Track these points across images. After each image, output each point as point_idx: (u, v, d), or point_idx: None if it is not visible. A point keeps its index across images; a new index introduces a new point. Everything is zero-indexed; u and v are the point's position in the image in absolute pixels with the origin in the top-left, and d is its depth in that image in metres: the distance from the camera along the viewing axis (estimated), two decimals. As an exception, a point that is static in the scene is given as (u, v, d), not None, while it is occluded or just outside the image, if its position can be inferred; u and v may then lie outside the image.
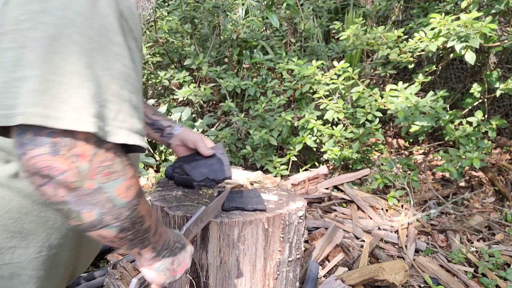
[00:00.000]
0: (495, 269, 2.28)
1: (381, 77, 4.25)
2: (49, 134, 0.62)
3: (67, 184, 0.64)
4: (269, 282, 1.36)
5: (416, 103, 2.83)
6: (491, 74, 3.23)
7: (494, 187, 3.14)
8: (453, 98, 3.75)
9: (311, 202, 2.92)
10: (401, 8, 4.51)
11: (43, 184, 0.64)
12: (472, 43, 2.66)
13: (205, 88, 3.51)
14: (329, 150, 3.14)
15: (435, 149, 3.65)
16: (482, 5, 3.27)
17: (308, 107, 3.35)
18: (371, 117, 3.09)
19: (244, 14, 4.81)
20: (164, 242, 0.89)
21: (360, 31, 3.41)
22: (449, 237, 2.60)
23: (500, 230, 2.68)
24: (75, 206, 0.67)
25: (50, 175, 0.63)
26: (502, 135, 3.85)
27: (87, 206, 0.67)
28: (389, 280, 2.00)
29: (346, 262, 2.29)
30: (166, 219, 1.31)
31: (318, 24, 4.21)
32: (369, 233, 2.60)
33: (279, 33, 4.42)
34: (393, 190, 3.01)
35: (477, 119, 3.10)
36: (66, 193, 0.65)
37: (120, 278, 1.90)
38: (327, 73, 3.33)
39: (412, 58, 3.24)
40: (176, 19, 3.83)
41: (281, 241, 1.34)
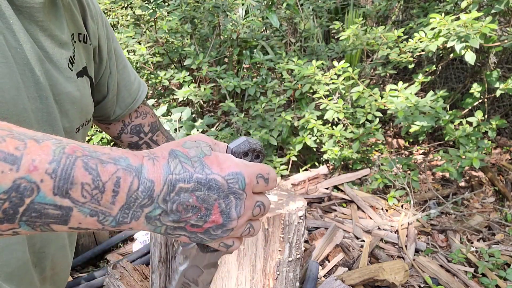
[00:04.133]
0: (495, 269, 2.28)
1: (381, 77, 4.25)
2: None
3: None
4: (269, 282, 1.36)
5: (416, 103, 2.83)
6: (491, 74, 3.23)
7: (494, 187, 3.14)
8: (453, 98, 3.75)
9: (311, 202, 2.92)
10: (401, 8, 4.51)
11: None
12: (472, 43, 2.66)
13: (205, 88, 3.51)
14: (329, 150, 3.14)
15: (435, 149, 3.65)
16: (482, 5, 3.27)
17: (308, 107, 3.35)
18: (371, 117, 3.09)
19: (244, 14, 4.81)
20: (120, 199, 0.45)
21: (360, 31, 3.41)
22: (449, 237, 2.60)
23: (500, 230, 2.68)
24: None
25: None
26: (502, 135, 3.85)
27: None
28: (389, 280, 2.00)
29: (346, 262, 2.29)
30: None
31: (318, 24, 4.21)
32: (369, 233, 2.60)
33: (279, 33, 4.42)
34: (393, 190, 3.01)
35: (477, 119, 3.10)
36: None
37: (120, 278, 1.90)
38: (327, 73, 3.33)
39: (412, 58, 3.24)
40: (176, 19, 3.83)
41: (281, 241, 1.34)
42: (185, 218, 0.48)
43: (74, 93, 0.77)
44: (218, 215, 0.49)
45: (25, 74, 0.66)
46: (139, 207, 0.46)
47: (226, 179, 0.49)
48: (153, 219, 0.47)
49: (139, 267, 2.03)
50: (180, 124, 3.42)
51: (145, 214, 0.46)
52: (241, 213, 0.51)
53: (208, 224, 0.49)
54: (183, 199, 0.47)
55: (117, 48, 0.99)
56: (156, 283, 1.44)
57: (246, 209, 0.51)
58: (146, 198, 0.46)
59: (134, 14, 4.55)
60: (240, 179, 0.50)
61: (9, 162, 0.39)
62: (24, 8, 0.66)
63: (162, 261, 1.39)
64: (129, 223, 0.47)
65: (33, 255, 0.78)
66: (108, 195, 0.44)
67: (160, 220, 0.47)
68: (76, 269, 2.34)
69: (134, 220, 0.46)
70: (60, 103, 0.74)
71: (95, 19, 0.88)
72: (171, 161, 0.48)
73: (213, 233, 0.51)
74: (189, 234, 0.50)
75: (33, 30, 0.68)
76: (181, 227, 0.49)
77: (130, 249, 2.44)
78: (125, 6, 4.56)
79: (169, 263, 1.38)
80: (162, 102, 3.99)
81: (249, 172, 0.51)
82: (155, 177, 0.46)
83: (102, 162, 0.44)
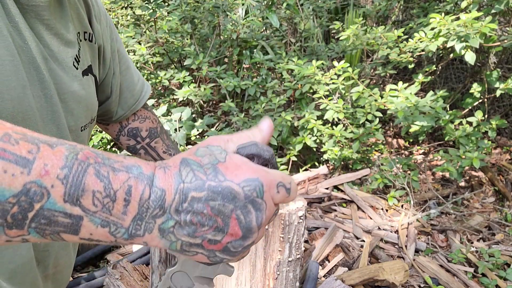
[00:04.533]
0: (495, 269, 2.28)
1: (381, 77, 4.25)
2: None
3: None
4: (269, 282, 1.36)
5: (416, 103, 2.83)
6: (491, 74, 3.23)
7: (494, 187, 3.14)
8: (453, 98, 3.75)
9: (311, 202, 2.92)
10: (401, 8, 4.51)
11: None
12: (472, 43, 2.66)
13: (205, 88, 3.51)
14: (329, 150, 3.15)
15: (435, 149, 3.65)
16: (482, 5, 3.27)
17: (308, 107, 3.35)
18: (371, 117, 3.09)
19: (244, 14, 4.81)
20: (132, 209, 0.43)
21: (360, 31, 3.41)
22: (449, 237, 2.60)
23: (500, 230, 2.68)
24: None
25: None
26: (502, 135, 3.85)
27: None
28: (389, 280, 2.00)
29: (346, 262, 2.29)
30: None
31: (318, 24, 4.21)
32: (369, 233, 2.60)
33: (279, 33, 4.42)
34: (393, 190, 3.01)
35: (477, 119, 3.10)
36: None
37: (120, 278, 1.90)
38: (327, 73, 3.33)
39: (412, 58, 3.24)
40: (176, 19, 3.83)
41: (281, 241, 1.34)
42: (200, 232, 0.45)
43: (79, 92, 0.77)
44: (237, 227, 0.45)
45: (30, 72, 0.66)
46: (151, 218, 0.43)
47: (242, 186, 0.45)
48: (167, 232, 0.44)
49: (139, 267, 2.03)
50: (180, 124, 3.42)
51: (158, 226, 0.44)
52: (261, 224, 0.47)
53: (226, 238, 0.46)
54: (196, 210, 0.44)
55: (121, 49, 0.99)
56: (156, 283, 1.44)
57: (267, 219, 0.47)
58: (158, 208, 0.43)
59: (134, 14, 4.55)
60: (258, 186, 0.45)
61: (20, 165, 0.38)
62: (30, 7, 0.66)
63: (162, 261, 1.39)
64: (143, 236, 0.44)
65: (37, 253, 0.78)
66: (120, 204, 0.42)
67: (175, 234, 0.45)
68: (76, 269, 2.34)
69: (147, 232, 0.44)
70: (65, 102, 0.74)
71: (99, 19, 0.88)
72: (183, 169, 0.45)
73: (233, 250, 0.47)
74: (207, 252, 0.47)
75: (39, 28, 0.68)
76: (197, 244, 0.46)
77: (130, 249, 2.44)
78: (125, 6, 4.56)
79: (169, 263, 1.38)
80: (162, 102, 3.99)
81: (268, 179, 0.47)
82: (166, 186, 0.44)
83: (114, 170, 0.42)
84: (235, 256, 0.48)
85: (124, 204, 0.42)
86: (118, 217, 0.42)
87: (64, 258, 0.85)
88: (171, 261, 1.37)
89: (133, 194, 0.42)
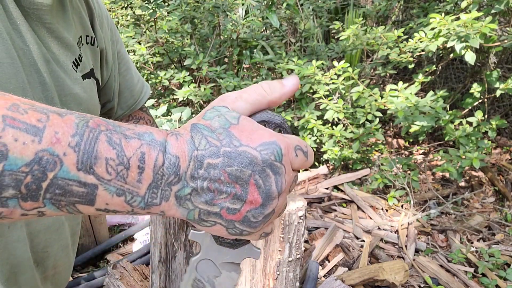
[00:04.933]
0: (495, 269, 2.28)
1: (381, 77, 4.25)
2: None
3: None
4: (269, 282, 1.36)
5: (416, 103, 2.83)
6: (491, 74, 3.23)
7: (494, 187, 3.14)
8: (453, 98, 3.75)
9: (311, 202, 2.92)
10: (401, 8, 4.51)
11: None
12: (472, 43, 2.66)
13: (205, 88, 3.51)
14: (329, 150, 3.15)
15: (435, 149, 3.65)
16: (482, 5, 3.27)
17: (308, 107, 3.35)
18: (371, 117, 3.09)
19: (244, 14, 4.81)
20: (147, 177, 0.42)
21: (360, 31, 3.41)
22: (449, 237, 2.60)
23: (500, 230, 2.68)
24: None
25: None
26: (502, 135, 3.85)
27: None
28: (389, 280, 2.00)
29: (346, 262, 2.29)
30: (166, 219, 1.31)
31: (318, 24, 4.21)
32: (369, 233, 2.60)
33: (279, 33, 4.42)
34: (393, 190, 3.01)
35: (477, 119, 3.10)
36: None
37: (120, 278, 1.90)
38: (327, 73, 3.33)
39: (412, 58, 3.24)
40: (176, 19, 3.83)
41: (281, 241, 1.34)
42: (219, 199, 0.43)
43: (81, 95, 0.77)
44: (256, 193, 0.43)
45: (31, 74, 0.66)
46: (167, 185, 0.42)
47: (259, 151, 0.43)
48: (184, 200, 0.43)
49: (139, 267, 2.03)
50: (180, 124, 3.42)
51: (174, 193, 0.43)
52: (282, 190, 0.44)
53: (246, 206, 0.43)
54: (213, 176, 0.42)
55: (122, 50, 0.99)
56: (156, 283, 1.44)
57: (287, 185, 0.45)
58: (173, 175, 0.42)
59: (134, 14, 4.55)
60: (276, 149, 0.43)
61: (31, 133, 0.37)
62: (32, 10, 0.66)
63: (162, 261, 1.39)
64: (160, 205, 0.43)
65: (36, 254, 0.77)
66: (134, 172, 0.41)
67: (192, 201, 0.43)
68: (76, 269, 2.34)
69: (164, 201, 0.43)
70: (66, 104, 0.74)
71: (101, 22, 0.88)
72: (195, 136, 0.43)
73: (253, 220, 0.45)
74: (226, 223, 0.45)
75: (40, 31, 0.68)
76: (216, 213, 0.44)
77: (130, 249, 2.44)
78: (125, 6, 4.56)
79: (169, 263, 1.38)
80: (162, 102, 3.99)
81: (286, 143, 0.45)
82: (180, 153, 0.42)
83: (126, 137, 0.41)
84: (255, 228, 0.45)
85: (139, 172, 0.41)
86: (133, 185, 0.41)
87: (64, 259, 0.85)
88: (171, 261, 1.37)
89: (147, 161, 0.41)
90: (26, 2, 0.65)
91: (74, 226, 0.88)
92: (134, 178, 0.41)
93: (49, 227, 0.78)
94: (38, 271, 0.79)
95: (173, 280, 1.38)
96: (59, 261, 0.83)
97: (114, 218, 2.70)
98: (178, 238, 1.30)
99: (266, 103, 0.48)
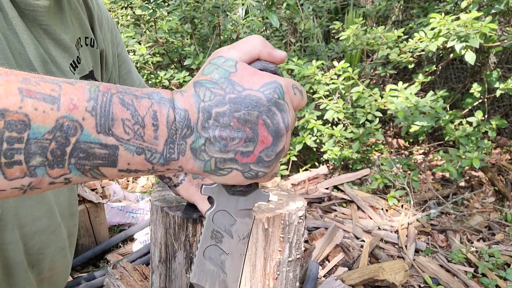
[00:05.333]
0: (495, 269, 2.28)
1: (381, 77, 4.25)
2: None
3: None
4: (269, 282, 1.36)
5: (416, 103, 2.83)
6: (491, 74, 3.22)
7: (494, 187, 3.14)
8: (453, 98, 3.75)
9: (311, 202, 2.92)
10: (401, 8, 4.51)
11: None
12: (472, 43, 2.66)
13: (205, 88, 3.51)
14: (329, 150, 3.15)
15: (435, 149, 3.65)
16: (482, 5, 3.27)
17: (308, 107, 3.35)
18: (371, 117, 3.09)
19: (244, 14, 4.81)
20: (162, 133, 0.44)
21: (360, 31, 3.41)
22: (449, 237, 2.60)
23: (500, 230, 2.68)
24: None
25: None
26: (502, 135, 3.85)
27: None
28: (389, 280, 2.00)
29: (346, 262, 2.29)
30: (166, 219, 1.31)
31: (318, 24, 4.21)
32: (369, 233, 2.60)
33: (279, 33, 4.42)
34: (393, 190, 3.01)
35: (477, 119, 3.10)
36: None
37: (120, 278, 1.90)
38: (327, 73, 3.33)
39: (412, 58, 3.24)
40: (176, 19, 3.83)
41: (281, 241, 1.34)
42: (232, 146, 0.45)
43: None
44: (266, 133, 0.45)
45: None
46: (182, 139, 0.44)
47: (262, 91, 0.45)
48: (199, 151, 0.45)
49: (139, 267, 2.03)
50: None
51: (189, 146, 0.44)
52: (289, 125, 0.47)
53: (258, 147, 0.45)
54: (223, 124, 0.44)
55: (122, 53, 0.98)
56: (156, 283, 1.44)
57: (292, 122, 0.47)
58: (185, 128, 0.44)
59: (134, 14, 4.55)
60: (278, 87, 0.46)
61: (49, 102, 0.39)
62: (28, 11, 0.66)
63: (162, 261, 1.39)
64: (177, 160, 0.45)
65: (31, 256, 0.77)
66: (150, 130, 0.42)
67: (207, 152, 0.45)
68: (76, 269, 2.34)
69: (181, 155, 0.44)
70: None
71: (101, 23, 0.88)
72: (198, 90, 0.45)
73: (266, 159, 0.46)
74: (242, 167, 0.46)
75: (37, 32, 0.68)
76: (231, 159, 0.45)
77: (130, 249, 2.44)
78: (125, 6, 4.56)
79: (169, 263, 1.38)
80: (162, 102, 3.98)
81: (286, 81, 0.47)
82: (188, 106, 0.44)
83: (137, 98, 0.43)
84: (269, 167, 0.47)
85: (154, 129, 0.43)
86: (151, 142, 0.43)
87: (61, 260, 0.84)
88: (171, 261, 1.37)
89: (160, 118, 0.43)
90: (23, 3, 0.65)
91: (71, 228, 0.87)
92: (151, 136, 0.43)
93: (44, 229, 0.78)
94: (34, 273, 0.79)
95: (173, 280, 1.38)
96: (56, 263, 0.83)
97: (114, 218, 2.70)
98: (178, 238, 1.30)
99: (257, 53, 0.50)
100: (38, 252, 0.78)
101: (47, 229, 0.78)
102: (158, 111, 0.43)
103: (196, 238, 1.28)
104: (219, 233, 0.56)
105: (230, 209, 0.55)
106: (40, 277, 0.81)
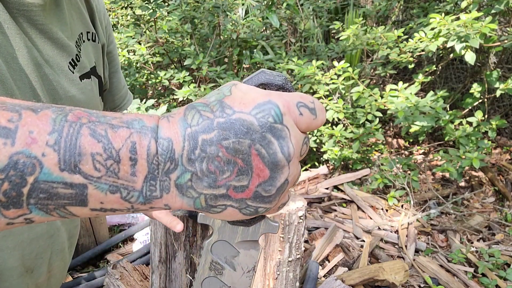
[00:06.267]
0: (495, 269, 2.28)
1: (381, 77, 4.25)
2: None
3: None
4: (269, 282, 1.36)
5: (416, 103, 2.83)
6: (491, 74, 3.23)
7: (494, 187, 3.14)
8: (453, 98, 3.75)
9: (311, 202, 2.92)
10: (401, 8, 4.51)
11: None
12: (472, 43, 2.66)
13: (205, 88, 3.51)
14: (329, 150, 3.15)
15: (435, 149, 3.65)
16: (482, 5, 3.27)
17: (308, 107, 3.35)
18: (371, 117, 3.09)
19: (244, 14, 4.81)
20: (141, 169, 0.38)
21: (360, 31, 3.41)
22: (449, 237, 2.60)
23: (500, 230, 2.68)
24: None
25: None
26: (502, 135, 3.85)
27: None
28: (389, 280, 2.00)
29: (346, 262, 2.29)
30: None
31: (318, 24, 4.21)
32: (369, 233, 2.60)
33: (279, 33, 4.42)
34: (393, 190, 3.01)
35: (477, 119, 3.10)
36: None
37: (120, 278, 1.90)
38: (327, 73, 3.33)
39: (412, 58, 3.24)
40: (176, 19, 3.83)
41: (281, 241, 1.34)
42: (222, 180, 0.38)
43: (77, 97, 0.74)
44: (262, 165, 0.38)
45: (21, 79, 0.63)
46: (165, 175, 0.37)
47: (254, 115, 0.38)
48: (186, 188, 0.38)
49: (139, 267, 2.03)
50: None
51: (174, 182, 0.38)
52: (290, 155, 0.39)
53: (254, 181, 0.38)
54: (211, 154, 0.37)
55: (113, 51, 0.97)
56: (156, 283, 1.44)
57: (296, 147, 0.39)
58: (168, 161, 0.37)
59: (134, 14, 4.55)
60: (273, 109, 0.38)
61: (2, 136, 0.33)
62: (22, 11, 0.64)
63: (162, 261, 1.39)
64: (161, 198, 0.38)
65: (30, 261, 0.75)
66: (126, 165, 0.36)
67: (194, 188, 0.38)
68: (76, 269, 2.34)
69: (165, 192, 0.38)
70: None
71: (101, 18, 0.87)
72: (188, 113, 0.39)
73: (265, 194, 0.39)
74: (237, 203, 0.40)
75: (32, 33, 0.66)
76: (223, 195, 0.39)
77: (130, 249, 2.44)
78: (125, 6, 4.56)
79: (169, 263, 1.38)
80: (162, 102, 3.99)
81: (284, 100, 0.39)
82: (172, 134, 0.38)
83: (112, 127, 0.37)
84: (270, 202, 0.40)
85: (131, 164, 0.36)
86: (127, 179, 0.37)
87: (58, 262, 0.82)
88: (171, 261, 1.37)
89: (139, 151, 0.37)
90: (16, 3, 0.63)
91: (71, 229, 0.85)
92: (127, 172, 0.37)
93: (42, 235, 0.75)
94: (32, 279, 0.77)
95: (173, 280, 1.38)
96: (53, 265, 0.81)
97: (114, 218, 2.70)
98: (178, 238, 1.30)
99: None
100: (37, 257, 0.75)
101: (45, 234, 0.76)
102: (138, 142, 0.37)
103: (196, 238, 1.28)
104: (219, 265, 0.49)
105: (231, 240, 0.48)
106: (38, 281, 0.79)
